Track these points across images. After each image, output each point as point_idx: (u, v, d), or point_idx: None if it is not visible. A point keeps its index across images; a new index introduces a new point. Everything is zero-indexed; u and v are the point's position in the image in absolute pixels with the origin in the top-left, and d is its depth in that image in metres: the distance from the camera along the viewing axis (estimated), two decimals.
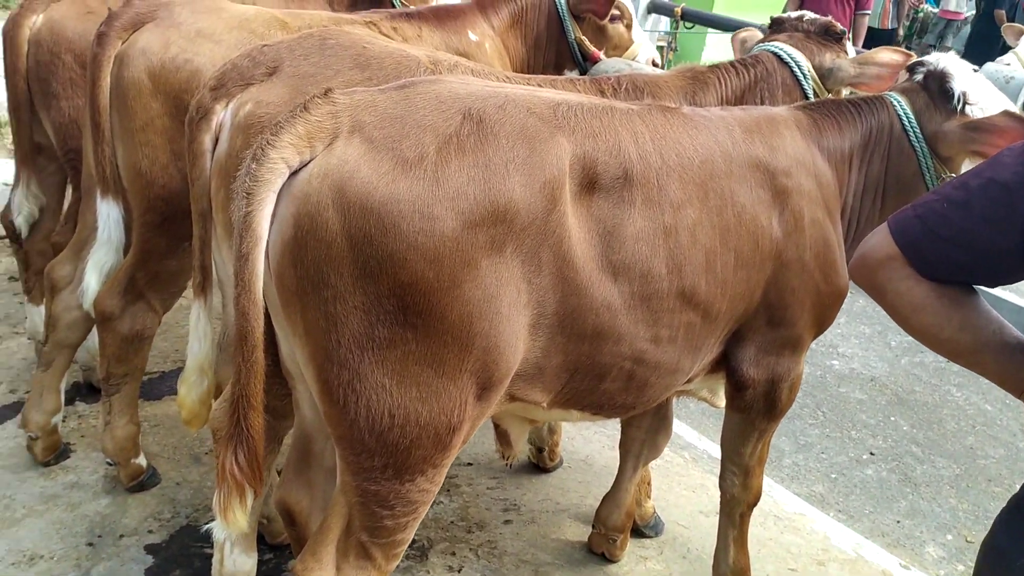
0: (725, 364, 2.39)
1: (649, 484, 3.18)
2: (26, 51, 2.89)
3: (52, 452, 3.13)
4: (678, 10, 6.79)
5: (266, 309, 1.78)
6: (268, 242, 1.68)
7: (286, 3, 3.53)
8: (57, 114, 2.90)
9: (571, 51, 3.73)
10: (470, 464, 3.47)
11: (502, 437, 2.40)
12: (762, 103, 2.77)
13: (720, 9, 9.46)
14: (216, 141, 2.11)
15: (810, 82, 2.73)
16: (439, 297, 1.69)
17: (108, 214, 2.75)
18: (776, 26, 2.87)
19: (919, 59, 2.55)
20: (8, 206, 3.37)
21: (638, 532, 3.15)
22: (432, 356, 1.73)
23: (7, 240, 4.35)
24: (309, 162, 1.67)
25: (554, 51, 3.76)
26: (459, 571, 2.90)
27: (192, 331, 2.31)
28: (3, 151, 5.97)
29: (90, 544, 2.82)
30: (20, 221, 3.17)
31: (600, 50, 3.77)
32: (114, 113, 2.58)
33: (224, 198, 2.13)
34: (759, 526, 3.23)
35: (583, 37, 3.70)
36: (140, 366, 2.94)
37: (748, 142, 2.26)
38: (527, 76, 2.79)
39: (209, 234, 2.23)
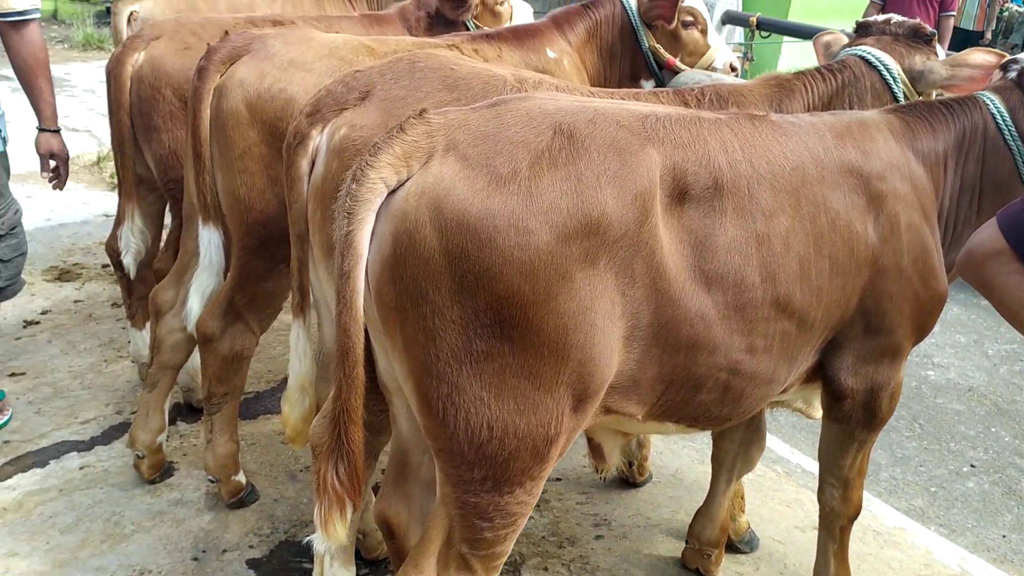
0: (822, 374, 2.35)
1: (743, 498, 3.13)
2: (129, 87, 3.04)
3: (158, 470, 3.26)
4: (753, 19, 6.73)
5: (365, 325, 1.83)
6: (367, 260, 1.74)
7: (366, 30, 3.63)
8: (158, 146, 3.05)
9: (646, 61, 3.74)
10: (559, 479, 3.48)
11: (595, 451, 2.40)
12: (851, 109, 2.73)
13: (796, 17, 9.35)
14: (312, 165, 2.18)
15: (900, 86, 2.67)
16: (535, 310, 1.71)
17: (209, 240, 2.88)
18: (862, 30, 2.82)
19: (1012, 57, 2.48)
20: (113, 236, 3.54)
21: (732, 548, 3.10)
22: (529, 368, 1.75)
23: (110, 268, 4.59)
24: (406, 181, 1.71)
25: (629, 62, 3.79)
26: None
27: (292, 351, 2.39)
28: (103, 184, 6.27)
29: (195, 559, 2.93)
30: (129, 260, 3.33)
31: (676, 57, 3.77)
32: (214, 143, 2.69)
33: (321, 220, 2.20)
34: (858, 541, 3.14)
35: (657, 45, 3.71)
36: (239, 386, 3.05)
37: (840, 147, 2.23)
38: (610, 90, 2.80)
39: (306, 255, 2.31)
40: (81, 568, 2.84)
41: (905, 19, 2.75)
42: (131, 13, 3.73)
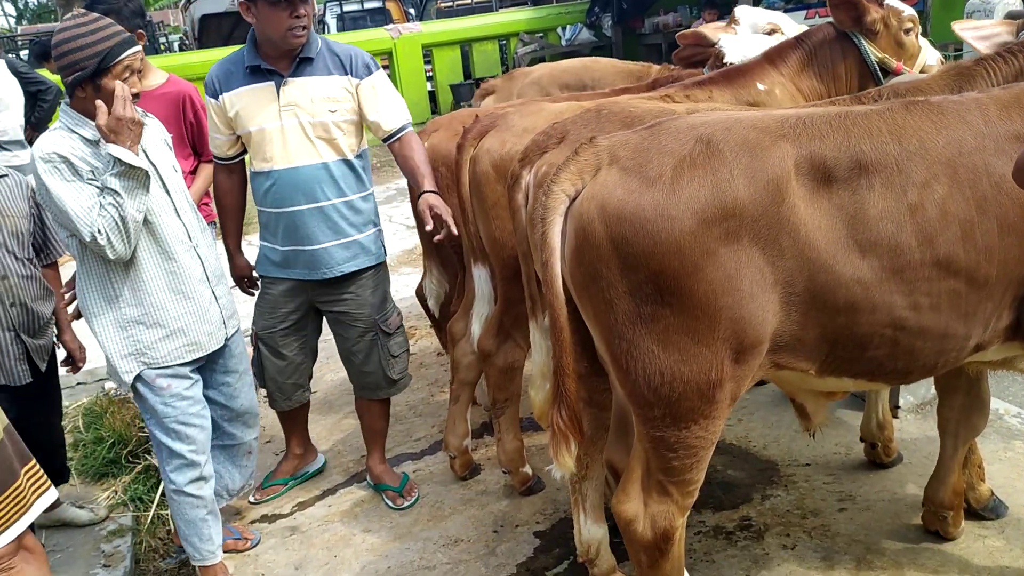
0: None
1: (981, 467, 3.22)
2: None
3: (466, 468, 4.07)
4: None
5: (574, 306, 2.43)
6: (562, 251, 2.35)
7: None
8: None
9: (872, 73, 3.96)
10: (808, 464, 3.76)
11: (800, 411, 2.71)
12: None
13: None
14: (526, 198, 2.86)
15: None
16: (685, 280, 2.19)
17: (479, 276, 3.68)
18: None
19: None
20: (419, 287, 4.52)
21: (978, 516, 3.19)
22: (687, 327, 2.23)
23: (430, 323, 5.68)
24: (582, 191, 2.32)
25: (856, 76, 4.01)
26: (792, 548, 3.22)
27: (533, 346, 3.05)
28: None
29: (495, 531, 3.65)
30: (432, 303, 4.28)
31: (901, 62, 3.96)
32: (473, 199, 3.49)
33: None
34: (987, 440, 3.07)
35: (885, 55, 3.92)
36: (516, 392, 3.77)
37: (1005, 118, 2.39)
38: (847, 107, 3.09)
39: (531, 270, 2.97)
40: (414, 539, 3.68)
41: None
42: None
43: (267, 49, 3.52)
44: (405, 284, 6.75)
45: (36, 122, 6.60)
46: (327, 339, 4.03)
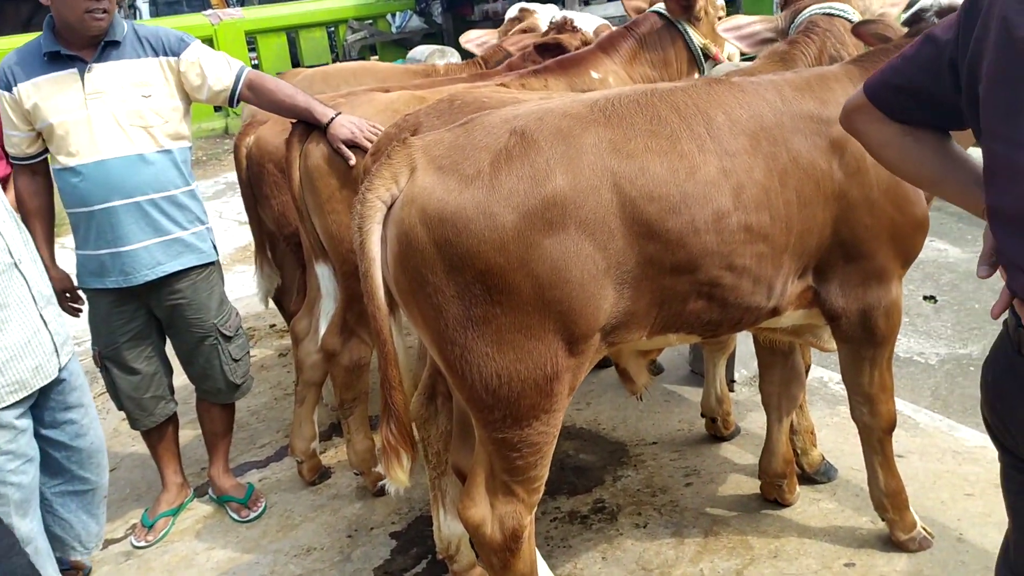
0: (816, 299, 2.62)
1: (812, 434, 3.38)
2: (245, 165, 3.80)
3: (315, 472, 3.94)
4: None
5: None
6: (383, 258, 2.26)
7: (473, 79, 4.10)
8: (271, 210, 3.77)
9: (696, 58, 4.08)
10: (655, 443, 3.85)
11: (623, 375, 2.76)
12: (840, 58, 2.98)
13: None
14: None
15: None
16: (512, 276, 2.15)
17: (323, 273, 3.53)
18: None
19: None
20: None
21: (811, 480, 3.35)
22: (519, 324, 2.19)
23: (276, 327, 5.49)
24: (399, 195, 2.24)
25: (684, 61, 4.13)
26: (644, 527, 3.28)
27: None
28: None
29: (349, 536, 3.54)
30: (260, 297, 4.09)
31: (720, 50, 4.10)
32: (307, 195, 3.34)
33: None
34: (936, 461, 3.30)
35: (706, 41, 4.05)
36: (364, 390, 3.66)
37: (798, 99, 2.52)
38: (652, 84, 3.14)
39: None
40: (263, 552, 3.53)
41: None
42: None
43: (67, 35, 3.21)
44: (240, 283, 6.47)
45: None
46: None
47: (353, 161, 3.16)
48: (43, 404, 2.83)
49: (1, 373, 2.60)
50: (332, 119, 3.22)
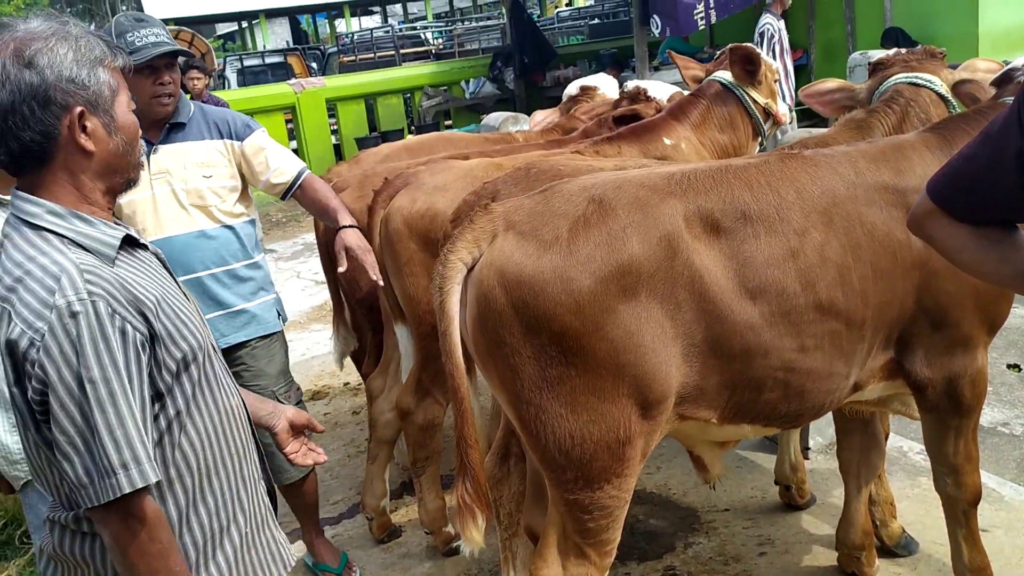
0: (900, 369, 2.59)
1: (893, 505, 3.29)
2: (323, 228, 3.94)
3: (385, 530, 3.98)
4: None
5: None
6: (463, 319, 2.33)
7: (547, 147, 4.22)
8: (345, 274, 3.89)
9: (755, 120, 4.15)
10: (727, 510, 3.79)
11: (697, 462, 2.76)
12: (920, 127, 2.99)
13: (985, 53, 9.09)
14: None
15: (951, 96, 2.92)
16: (587, 340, 2.20)
17: (401, 334, 3.63)
18: (880, 67, 3.13)
19: (1012, 65, 2.68)
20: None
21: (891, 553, 3.25)
22: (592, 386, 2.23)
23: (351, 385, 5.62)
24: (479, 258, 2.31)
25: (748, 124, 4.19)
26: None
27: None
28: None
29: None
30: (335, 357, 4.22)
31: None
32: (387, 258, 3.46)
33: None
34: (1022, 536, 3.17)
35: (768, 100, 4.13)
36: (437, 450, 3.71)
37: (873, 170, 2.53)
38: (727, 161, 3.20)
39: None
40: None
41: (914, 47, 3.01)
42: None
43: None
44: (316, 341, 6.64)
45: None
46: None
47: (343, 268, 3.25)
48: None
49: None
50: (347, 226, 3.32)
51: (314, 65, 19.93)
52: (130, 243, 1.75)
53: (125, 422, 1.58)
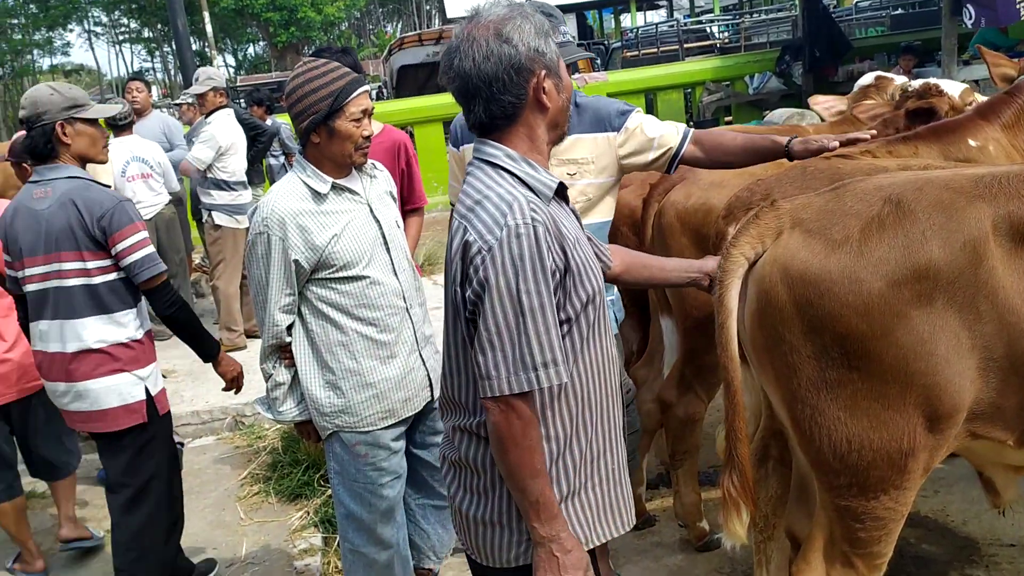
0: None
1: None
2: None
3: (640, 518, 4.05)
4: None
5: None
6: (740, 314, 2.35)
7: None
8: None
9: None
10: (1013, 545, 3.47)
11: (987, 485, 2.57)
12: None
13: None
14: None
15: None
16: (874, 344, 2.13)
17: (667, 327, 3.69)
18: None
19: None
20: None
21: None
22: (877, 392, 2.16)
23: None
24: (763, 254, 2.31)
25: None
26: None
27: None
28: None
29: None
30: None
31: None
32: (658, 251, 3.52)
33: None
34: None
35: None
36: (695, 445, 3.73)
37: None
38: None
39: None
40: None
41: None
42: None
43: None
44: None
45: (251, 159, 7.36)
46: None
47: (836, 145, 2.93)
48: (416, 426, 3.19)
49: (379, 400, 2.96)
50: (791, 141, 3.02)
51: (598, 60, 20.30)
52: (559, 193, 2.02)
53: (551, 329, 1.83)
